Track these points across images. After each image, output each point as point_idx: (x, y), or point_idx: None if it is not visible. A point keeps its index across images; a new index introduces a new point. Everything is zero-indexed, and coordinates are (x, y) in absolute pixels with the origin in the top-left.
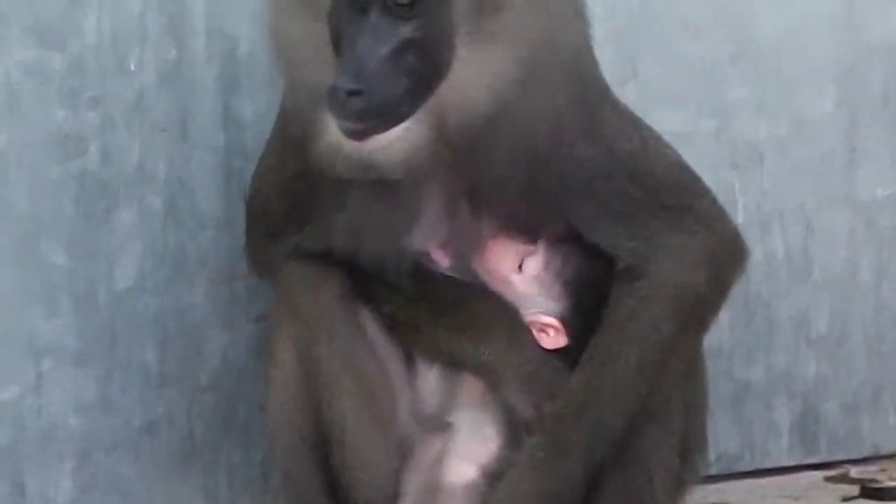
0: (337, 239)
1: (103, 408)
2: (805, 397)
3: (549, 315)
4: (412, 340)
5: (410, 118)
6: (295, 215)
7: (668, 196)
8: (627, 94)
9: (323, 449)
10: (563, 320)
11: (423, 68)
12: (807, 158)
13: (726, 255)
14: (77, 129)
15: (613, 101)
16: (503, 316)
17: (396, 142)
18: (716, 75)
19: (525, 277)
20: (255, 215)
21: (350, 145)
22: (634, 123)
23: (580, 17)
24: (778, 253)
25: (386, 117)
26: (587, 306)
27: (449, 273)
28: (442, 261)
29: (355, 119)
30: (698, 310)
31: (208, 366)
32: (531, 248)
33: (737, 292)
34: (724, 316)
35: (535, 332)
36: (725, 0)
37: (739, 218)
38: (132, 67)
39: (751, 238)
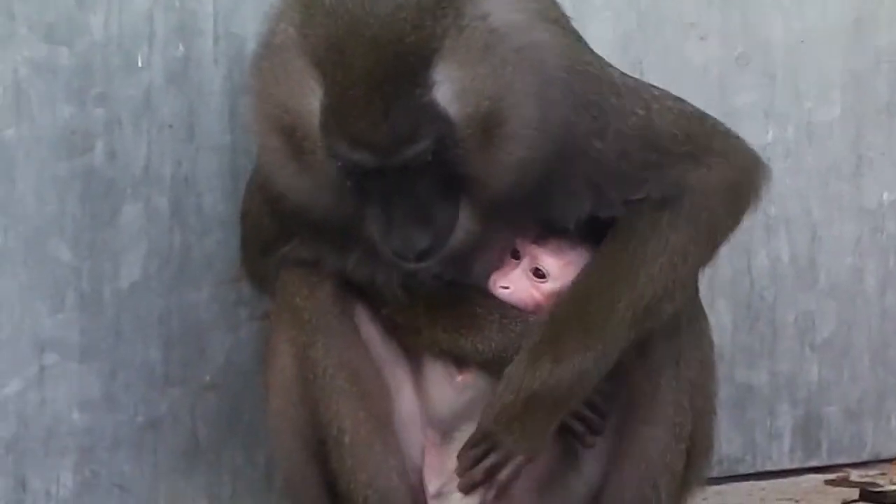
0: (327, 254)
1: (106, 405)
2: (808, 402)
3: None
4: (413, 341)
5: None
6: (284, 231)
7: (681, 147)
8: None
9: (322, 451)
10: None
11: (450, 195)
12: (814, 164)
13: (745, 183)
14: (84, 127)
15: (610, 81)
16: (495, 312)
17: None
18: (723, 80)
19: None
20: (247, 231)
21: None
22: (635, 92)
23: (560, 33)
24: (783, 258)
25: (448, 241)
26: None
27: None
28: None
29: (426, 262)
30: (711, 230)
31: (212, 366)
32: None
33: (740, 295)
34: (727, 319)
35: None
36: (734, 5)
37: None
38: (139, 65)
39: (756, 242)
